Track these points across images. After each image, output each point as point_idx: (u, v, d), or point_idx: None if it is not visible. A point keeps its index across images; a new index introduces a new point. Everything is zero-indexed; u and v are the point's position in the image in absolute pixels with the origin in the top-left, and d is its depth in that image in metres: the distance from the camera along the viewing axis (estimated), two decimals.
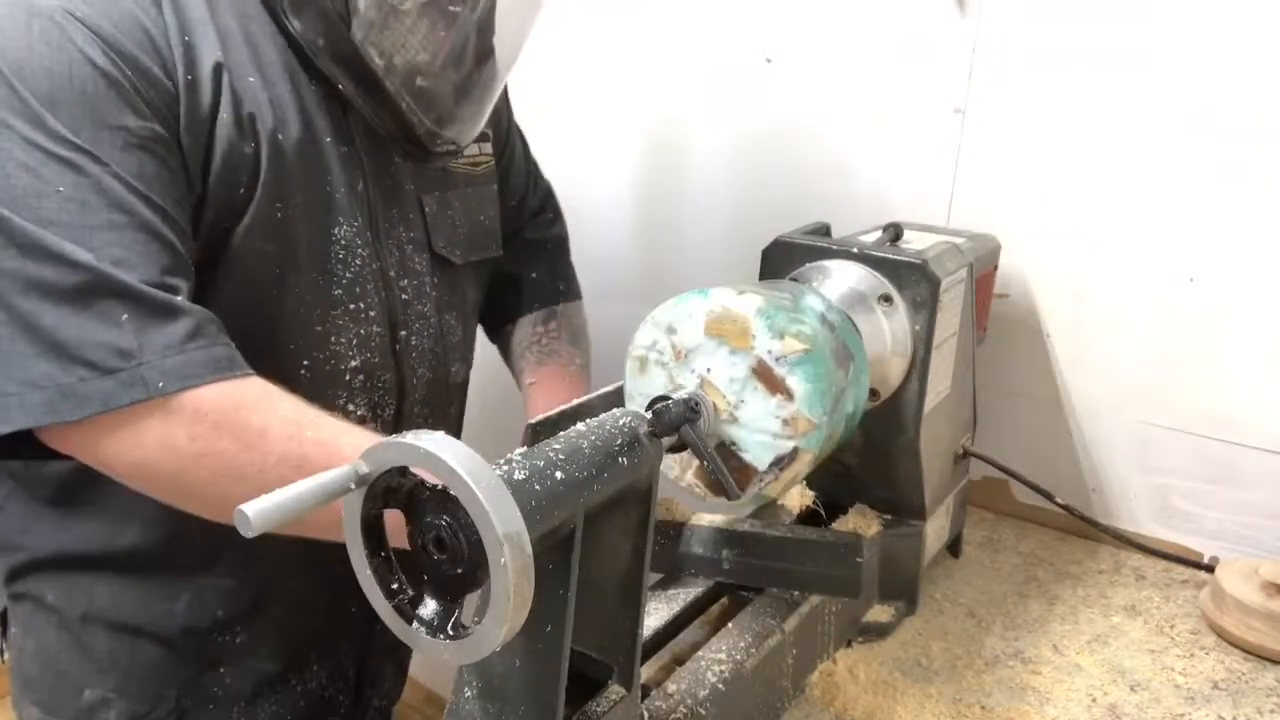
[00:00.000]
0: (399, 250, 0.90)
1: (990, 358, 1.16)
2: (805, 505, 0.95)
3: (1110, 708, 0.86)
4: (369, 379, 0.89)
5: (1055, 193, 1.14)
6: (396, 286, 0.90)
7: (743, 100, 1.36)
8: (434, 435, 0.47)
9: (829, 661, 0.89)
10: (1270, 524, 1.08)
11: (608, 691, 0.64)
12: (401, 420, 0.93)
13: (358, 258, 0.86)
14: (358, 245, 0.86)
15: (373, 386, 0.89)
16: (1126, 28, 1.06)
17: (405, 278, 0.91)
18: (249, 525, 0.44)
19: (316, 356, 0.85)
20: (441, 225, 0.95)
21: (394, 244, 0.90)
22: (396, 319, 0.90)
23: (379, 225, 0.88)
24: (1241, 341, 1.06)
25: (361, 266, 0.86)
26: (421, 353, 0.93)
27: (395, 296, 0.90)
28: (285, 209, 0.80)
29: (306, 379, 0.84)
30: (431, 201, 0.94)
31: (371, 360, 0.88)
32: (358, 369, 0.88)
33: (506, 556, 0.45)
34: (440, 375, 0.97)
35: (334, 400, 0.86)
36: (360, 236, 0.86)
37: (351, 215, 0.85)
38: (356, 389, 0.88)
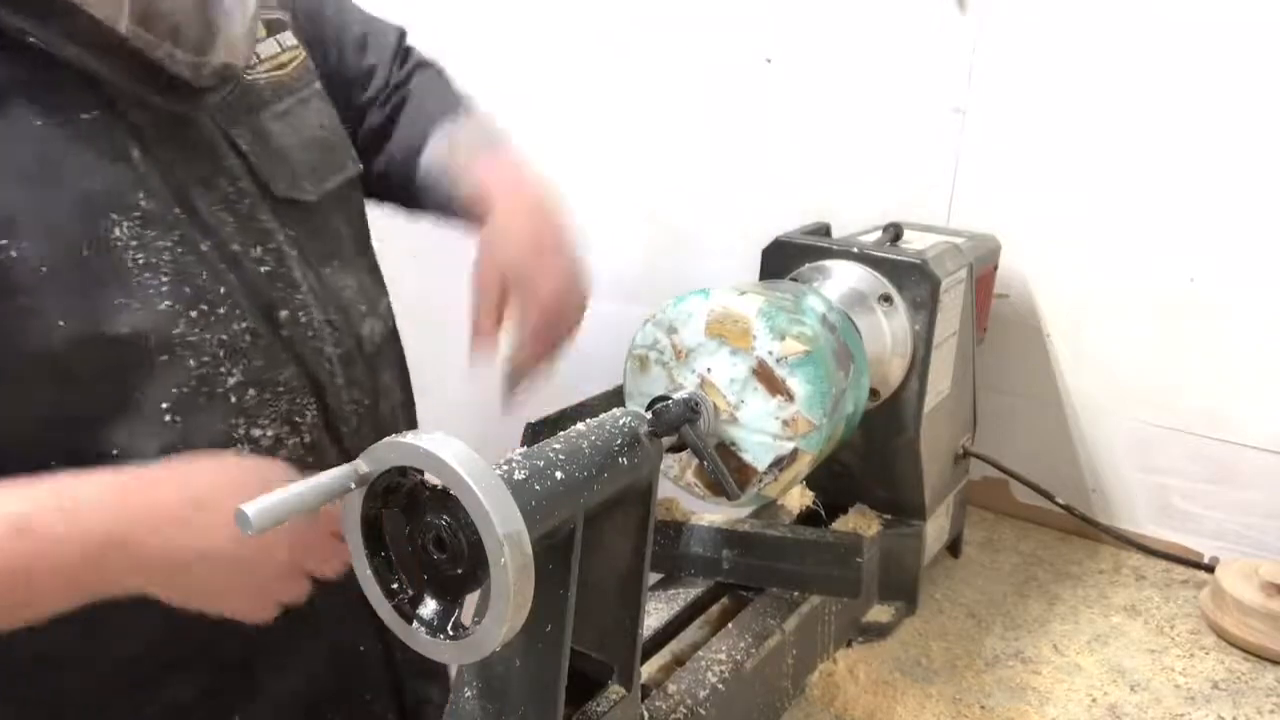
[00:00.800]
0: (232, 214, 0.69)
1: (990, 358, 1.16)
2: (805, 505, 0.95)
3: (1110, 708, 0.86)
4: (263, 389, 0.70)
5: (1055, 193, 1.14)
6: (248, 260, 0.70)
7: (743, 100, 1.36)
8: (434, 435, 0.47)
9: (829, 661, 0.89)
10: (1270, 524, 1.08)
11: (608, 691, 0.64)
12: (330, 415, 0.75)
13: (163, 251, 0.64)
14: (153, 235, 0.64)
15: (275, 395, 0.71)
16: (1127, 27, 1.06)
17: (255, 245, 0.71)
18: (249, 525, 0.44)
19: (178, 393, 0.65)
20: (270, 162, 0.73)
21: (222, 208, 0.69)
22: (266, 299, 0.71)
23: (189, 192, 0.67)
24: (1241, 341, 1.06)
25: (176, 259, 0.65)
26: (317, 328, 0.74)
27: (252, 272, 0.70)
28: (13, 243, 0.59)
29: (179, 426, 0.65)
30: (244, 135, 0.72)
31: (254, 365, 0.69)
32: (242, 384, 0.68)
33: (506, 556, 0.45)
34: (351, 345, 0.77)
35: (231, 433, 0.68)
36: (157, 221, 0.65)
37: (127, 201, 0.64)
38: (251, 407, 0.69)
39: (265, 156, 0.73)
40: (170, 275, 0.65)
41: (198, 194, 0.68)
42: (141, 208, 0.64)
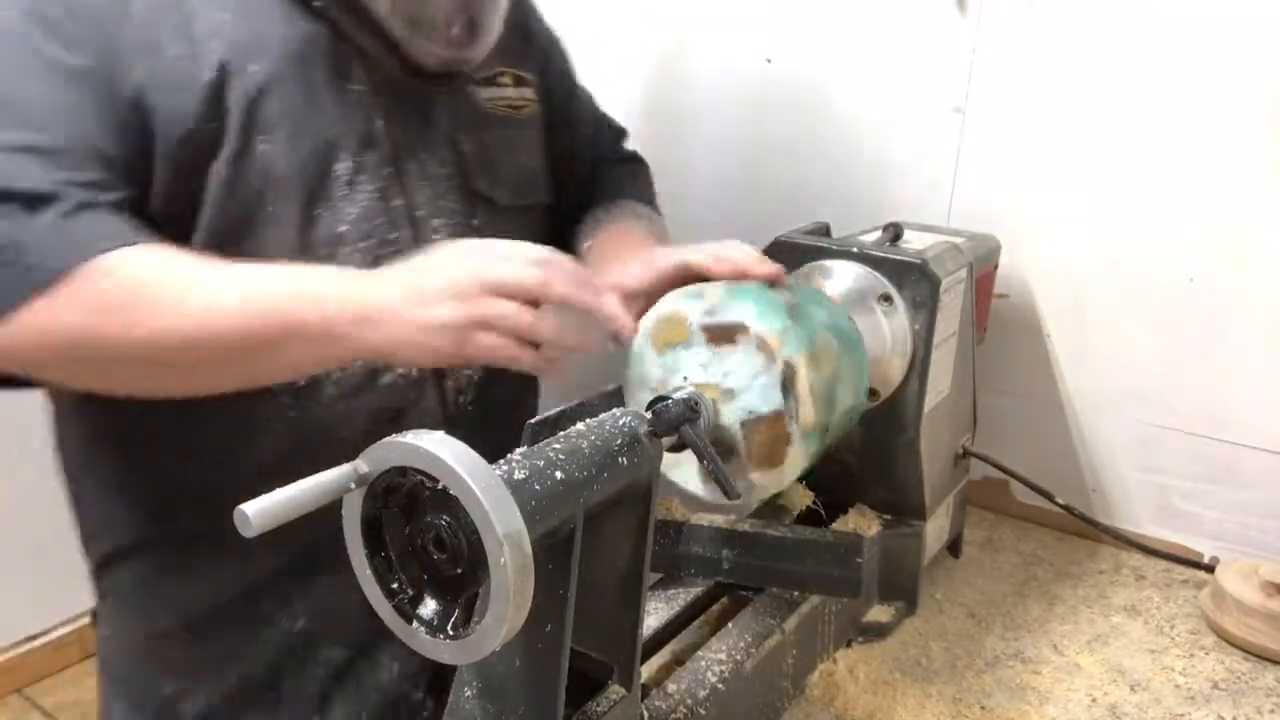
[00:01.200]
0: (429, 188, 0.86)
1: (990, 358, 1.16)
2: (805, 505, 0.95)
3: (1110, 708, 0.86)
4: None
5: (1055, 193, 1.14)
6: (427, 225, 0.85)
7: (743, 100, 1.36)
8: (434, 435, 0.47)
9: (829, 661, 0.89)
10: (1270, 524, 1.08)
11: (608, 691, 0.64)
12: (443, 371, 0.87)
13: (363, 193, 0.81)
14: (362, 180, 0.81)
15: None
16: (1126, 27, 1.06)
17: (437, 216, 0.86)
18: (249, 525, 0.44)
19: None
20: (480, 165, 0.91)
21: (422, 182, 0.86)
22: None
23: (404, 163, 0.85)
24: (1241, 341, 1.06)
25: (370, 202, 0.82)
26: None
27: (424, 234, 0.85)
28: (269, 143, 0.77)
29: None
30: (468, 141, 0.90)
31: None
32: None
33: (506, 556, 0.45)
34: None
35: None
36: (369, 172, 0.82)
37: (355, 150, 0.81)
38: None
39: (477, 160, 0.90)
40: (360, 210, 0.81)
41: (411, 166, 0.85)
42: (361, 158, 0.82)
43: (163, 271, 0.68)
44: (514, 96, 0.96)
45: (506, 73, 0.96)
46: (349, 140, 0.81)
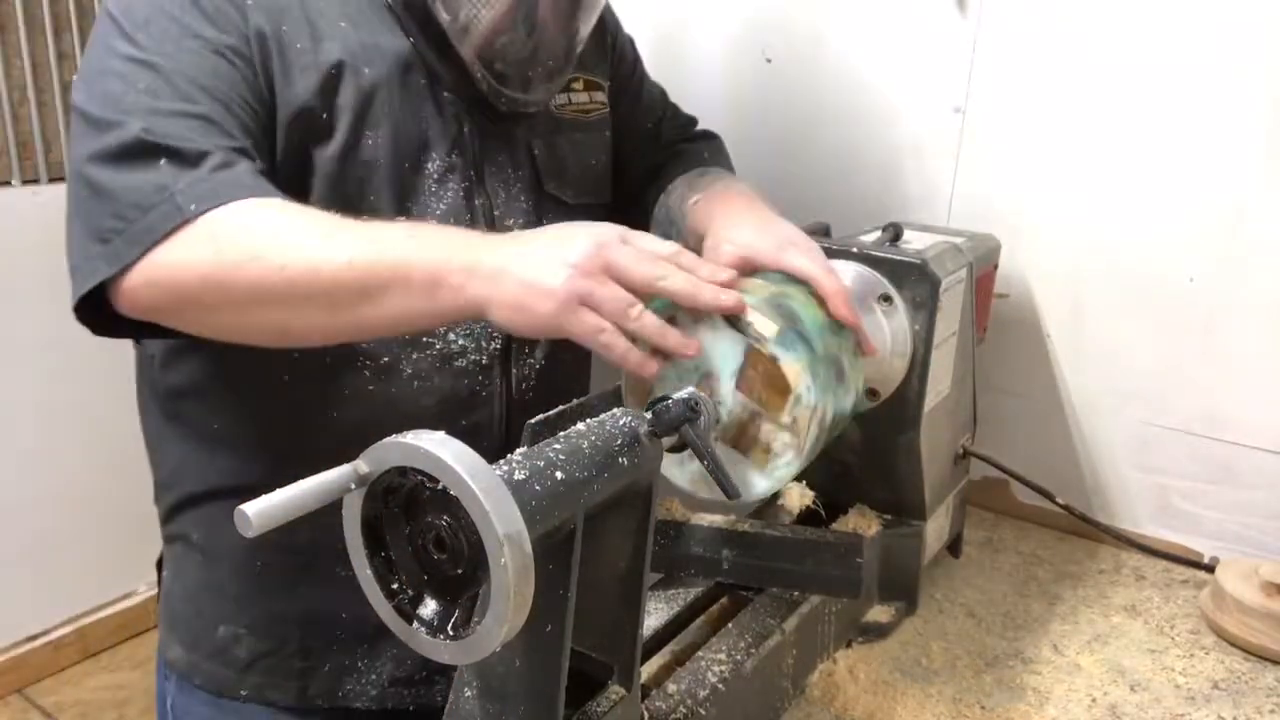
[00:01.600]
0: (505, 189, 0.93)
1: (990, 358, 1.16)
2: (805, 505, 0.95)
3: (1110, 708, 0.86)
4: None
5: (1055, 193, 1.14)
6: (502, 225, 0.92)
7: (743, 100, 1.36)
8: (434, 435, 0.47)
9: (829, 661, 0.89)
10: (1270, 524, 1.08)
11: (608, 691, 0.64)
12: (510, 357, 0.93)
13: (450, 191, 0.89)
14: (450, 179, 0.89)
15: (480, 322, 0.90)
16: (1126, 27, 1.06)
17: (511, 216, 0.93)
18: (249, 525, 0.44)
19: None
20: (551, 167, 0.97)
21: (500, 183, 0.93)
22: None
23: (483, 165, 0.91)
24: (1241, 341, 1.06)
25: (455, 200, 0.89)
26: None
27: (500, 229, 0.90)
28: (374, 138, 0.84)
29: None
30: (540, 145, 0.97)
31: None
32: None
33: (506, 556, 0.45)
34: None
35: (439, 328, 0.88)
36: (457, 172, 0.89)
37: (446, 151, 0.89)
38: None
39: (549, 163, 0.97)
40: (447, 206, 0.89)
41: (489, 169, 0.92)
42: (450, 159, 0.89)
43: (287, 217, 0.74)
44: (585, 102, 1.03)
45: (579, 78, 1.02)
46: (441, 142, 0.89)
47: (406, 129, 0.87)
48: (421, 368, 0.89)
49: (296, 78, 0.82)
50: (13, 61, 2.03)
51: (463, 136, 0.90)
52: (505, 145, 0.94)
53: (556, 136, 0.99)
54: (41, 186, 2.10)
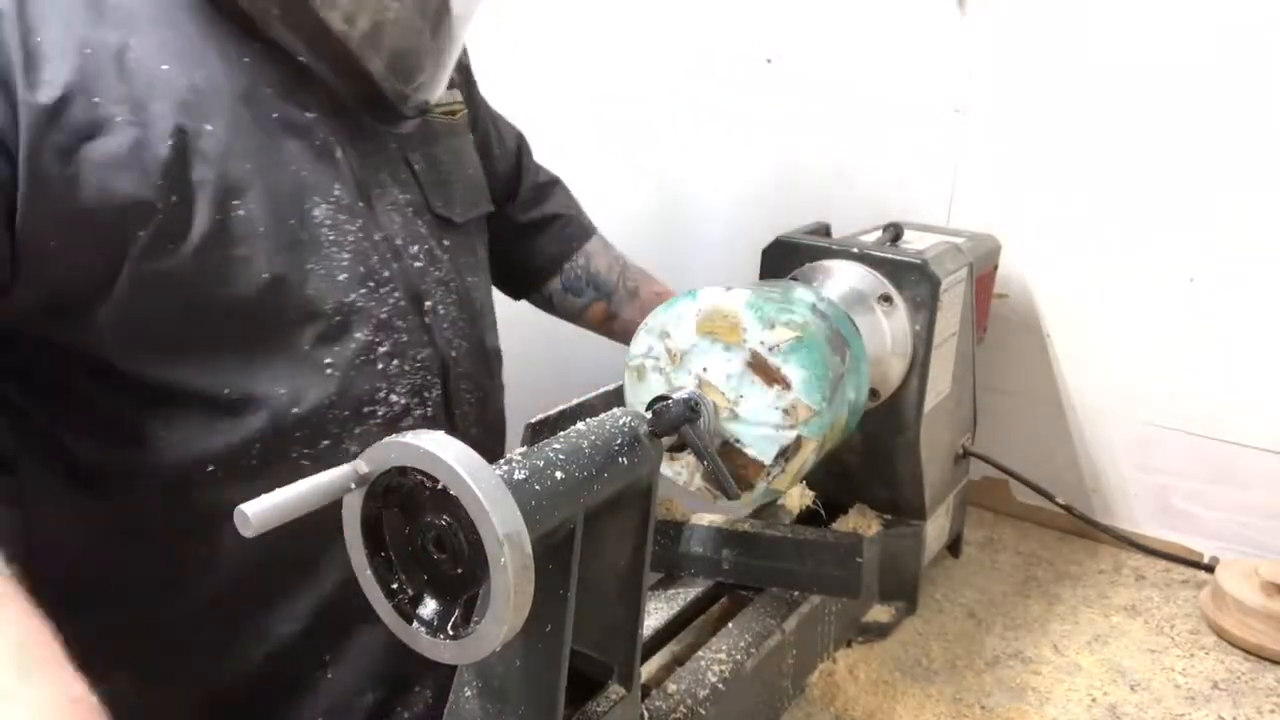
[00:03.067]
0: (400, 215, 0.82)
1: (990, 358, 1.16)
2: (805, 505, 0.95)
3: (1110, 708, 0.86)
4: (403, 362, 0.80)
5: (1055, 193, 1.14)
6: (407, 255, 0.82)
7: (743, 100, 1.36)
8: (434, 435, 0.47)
9: (829, 661, 0.89)
10: (1270, 524, 1.08)
11: (608, 691, 0.64)
12: (450, 401, 0.85)
13: (349, 236, 0.77)
14: (343, 219, 0.77)
15: (411, 370, 0.81)
16: (1126, 28, 1.06)
17: (413, 244, 0.83)
18: (248, 525, 0.44)
19: (340, 351, 0.76)
20: (434, 184, 0.88)
21: (393, 209, 0.82)
22: (416, 289, 0.82)
23: (370, 191, 0.80)
24: (1241, 341, 1.06)
25: (358, 244, 0.77)
26: (452, 321, 0.85)
27: (409, 266, 0.82)
28: (244, 206, 0.71)
29: (336, 378, 0.76)
30: (419, 159, 0.86)
31: (401, 340, 0.80)
32: (389, 354, 0.79)
33: (506, 556, 0.45)
34: (476, 343, 0.89)
35: (375, 394, 0.79)
36: (346, 209, 0.77)
37: (327, 189, 0.76)
38: (394, 375, 0.80)
39: (431, 179, 0.87)
40: (351, 254, 0.77)
41: (376, 195, 0.81)
42: (337, 197, 0.77)
43: None
44: (449, 101, 0.93)
45: None
46: (321, 180, 0.76)
47: (277, 178, 0.73)
48: (366, 441, 0.76)
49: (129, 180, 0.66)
50: None
51: (339, 164, 0.77)
52: (385, 164, 0.83)
53: (432, 146, 0.89)
54: None
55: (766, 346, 0.68)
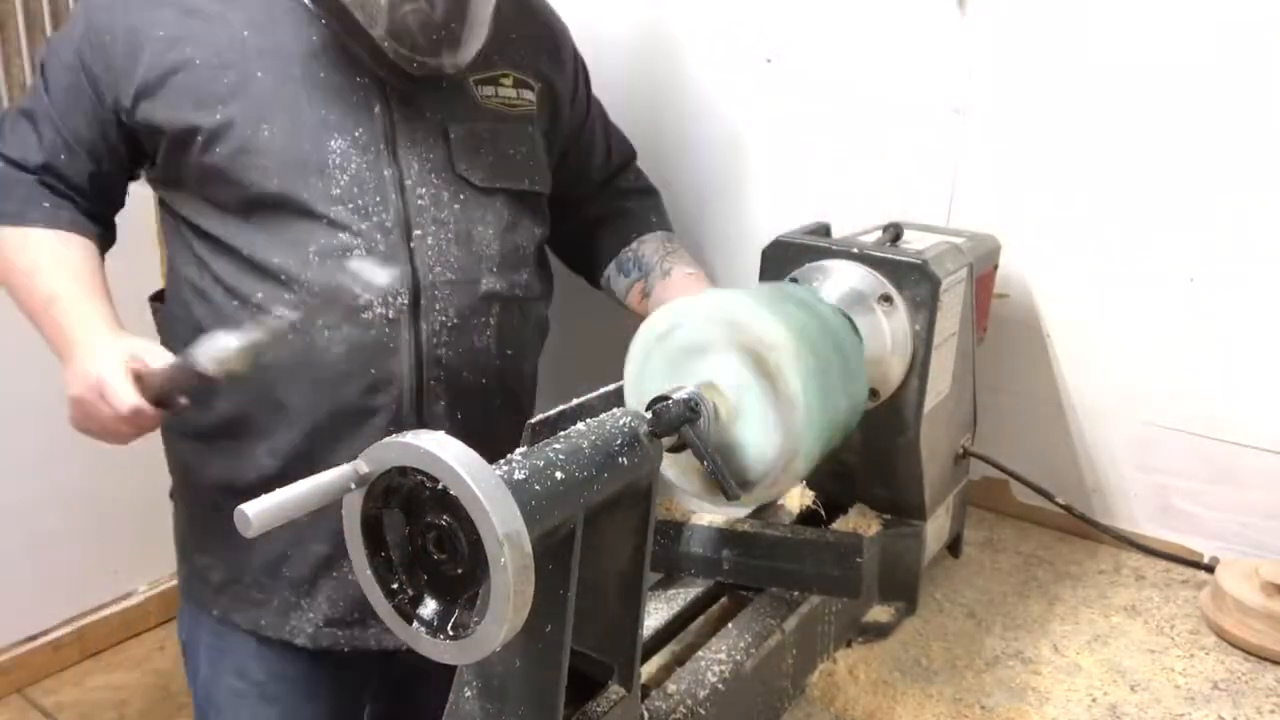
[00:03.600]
0: (419, 164, 1.03)
1: (990, 358, 1.16)
2: (805, 505, 0.95)
3: (1110, 708, 0.86)
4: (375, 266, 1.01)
5: (1055, 193, 1.14)
6: (413, 193, 1.03)
7: (743, 100, 1.36)
8: (434, 435, 0.47)
9: (829, 661, 0.89)
10: (1270, 524, 1.08)
11: (608, 691, 0.64)
12: (419, 314, 1.02)
13: (354, 164, 1.00)
14: (354, 155, 1.00)
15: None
16: (1126, 28, 1.06)
17: (422, 187, 1.03)
18: (249, 525, 0.44)
19: (324, 243, 0.99)
20: (464, 151, 1.06)
21: (415, 159, 1.03)
22: (410, 220, 1.02)
23: (396, 142, 1.02)
24: (1241, 341, 1.06)
25: (359, 172, 1.00)
26: (440, 252, 1.04)
27: (410, 201, 1.02)
28: (270, 129, 0.98)
29: (315, 261, 0.99)
30: (458, 129, 1.06)
31: (378, 250, 1.00)
32: (363, 259, 1.00)
33: (506, 556, 0.45)
34: (465, 280, 1.05)
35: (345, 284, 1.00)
36: (362, 148, 1.01)
37: (351, 130, 1.00)
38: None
39: (463, 146, 1.06)
40: (351, 177, 1.00)
41: (404, 144, 1.03)
42: (356, 135, 1.01)
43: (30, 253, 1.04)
44: (512, 97, 1.12)
45: (510, 75, 1.11)
46: (346, 123, 1.00)
47: (304, 117, 1.00)
48: (330, 318, 1.00)
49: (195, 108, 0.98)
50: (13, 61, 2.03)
51: (372, 116, 1.02)
52: (419, 124, 1.04)
53: (476, 124, 1.08)
54: None
55: (764, 350, 0.69)
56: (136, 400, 0.91)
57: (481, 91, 1.08)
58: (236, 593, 1.11)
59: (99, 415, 0.93)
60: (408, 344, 1.02)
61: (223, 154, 0.98)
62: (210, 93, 0.98)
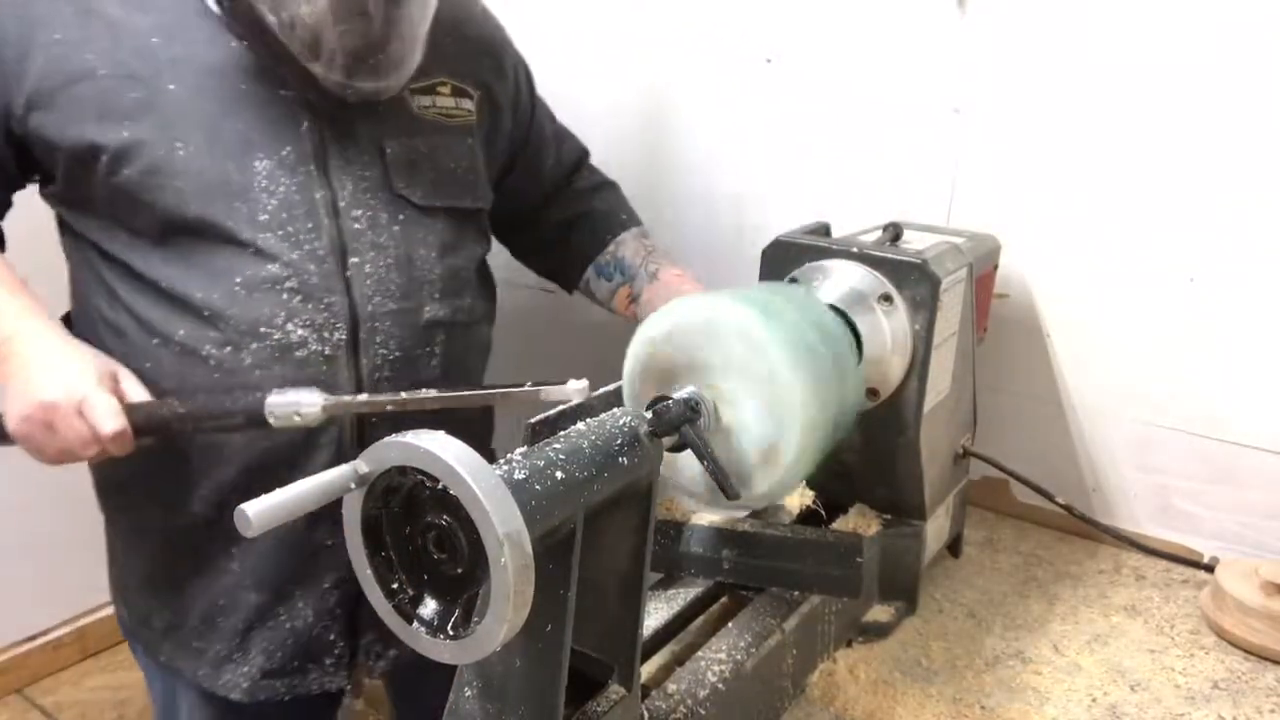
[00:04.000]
0: (353, 184, 0.96)
1: (990, 358, 1.16)
2: (805, 505, 0.95)
3: (1110, 708, 0.86)
4: (309, 300, 0.94)
5: (1055, 193, 1.14)
6: (348, 216, 0.96)
7: (743, 100, 1.36)
8: (434, 435, 0.47)
9: (829, 661, 0.89)
10: (1270, 524, 1.08)
11: (608, 691, 0.64)
12: (359, 349, 0.96)
13: (282, 187, 0.93)
14: (281, 176, 0.93)
15: (317, 309, 0.94)
16: (1126, 27, 1.06)
17: (357, 209, 0.96)
18: (249, 525, 0.44)
19: (250, 274, 0.92)
20: (402, 167, 0.99)
21: (348, 179, 0.96)
22: (346, 246, 0.96)
23: (328, 161, 0.95)
24: (1241, 341, 1.06)
25: (288, 194, 0.93)
26: (379, 280, 0.97)
27: (345, 225, 0.96)
28: (185, 149, 0.90)
29: (242, 295, 0.92)
30: (394, 145, 0.99)
31: (310, 282, 0.94)
32: (297, 289, 0.94)
33: (506, 556, 0.45)
34: (407, 308, 0.99)
35: (272, 319, 0.93)
36: (289, 168, 0.93)
37: (275, 149, 0.93)
38: (298, 309, 0.94)
39: (400, 162, 0.99)
40: (279, 201, 0.93)
41: (335, 164, 0.96)
42: (283, 155, 0.93)
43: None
44: (450, 106, 1.05)
45: (447, 83, 1.05)
46: (271, 141, 0.93)
47: (223, 135, 0.91)
48: (261, 357, 0.93)
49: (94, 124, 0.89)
50: None
51: (299, 133, 0.94)
52: (352, 142, 0.97)
53: (414, 138, 1.01)
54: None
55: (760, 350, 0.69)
56: (122, 425, 0.84)
57: (418, 102, 1.02)
58: (179, 639, 1.05)
59: (65, 430, 0.85)
60: (348, 381, 0.96)
61: (131, 175, 0.89)
62: (114, 107, 0.89)
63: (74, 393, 0.84)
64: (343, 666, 1.06)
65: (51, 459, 0.88)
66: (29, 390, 0.85)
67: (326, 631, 1.04)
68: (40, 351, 0.87)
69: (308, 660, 1.05)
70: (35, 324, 0.89)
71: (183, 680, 1.07)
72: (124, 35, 0.90)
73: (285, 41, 0.87)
